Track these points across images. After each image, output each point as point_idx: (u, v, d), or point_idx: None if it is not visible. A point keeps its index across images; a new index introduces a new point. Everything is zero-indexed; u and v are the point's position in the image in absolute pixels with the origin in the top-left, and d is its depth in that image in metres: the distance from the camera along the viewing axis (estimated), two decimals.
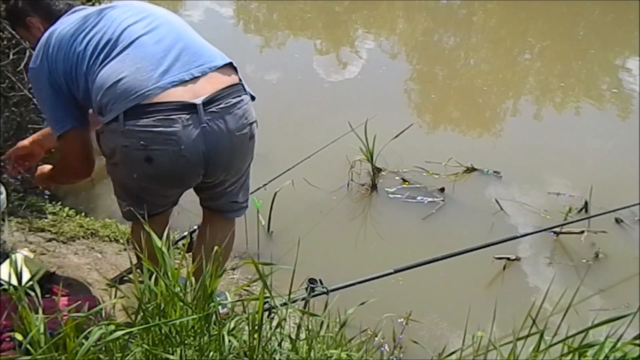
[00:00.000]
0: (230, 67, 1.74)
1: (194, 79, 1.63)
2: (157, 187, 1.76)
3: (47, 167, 2.02)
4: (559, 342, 1.27)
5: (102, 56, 1.65)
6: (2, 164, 2.42)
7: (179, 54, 1.65)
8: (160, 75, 1.60)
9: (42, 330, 1.26)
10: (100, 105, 1.64)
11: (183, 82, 1.61)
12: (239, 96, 1.70)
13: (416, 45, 6.40)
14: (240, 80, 1.75)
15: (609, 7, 7.32)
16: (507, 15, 7.23)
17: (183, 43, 1.68)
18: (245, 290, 2.45)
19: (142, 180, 1.70)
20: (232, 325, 1.36)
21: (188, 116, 1.59)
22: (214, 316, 1.34)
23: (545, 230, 2.99)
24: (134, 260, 1.71)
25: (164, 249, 1.38)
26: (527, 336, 1.28)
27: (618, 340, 1.23)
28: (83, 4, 2.09)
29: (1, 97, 2.90)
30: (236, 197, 1.95)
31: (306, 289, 1.94)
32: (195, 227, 2.44)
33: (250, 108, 1.75)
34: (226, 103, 1.65)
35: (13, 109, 2.96)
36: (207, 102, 1.61)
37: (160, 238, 1.40)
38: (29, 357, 1.23)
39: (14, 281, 1.44)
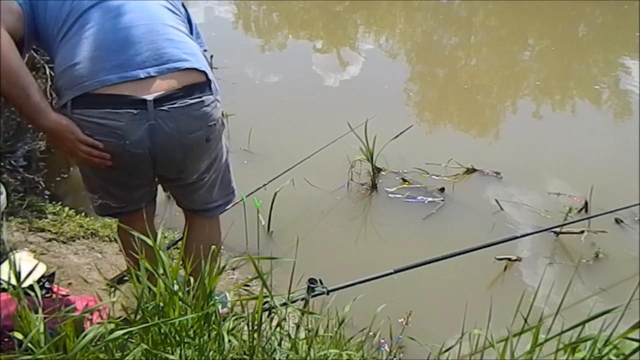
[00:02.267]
0: (195, 70, 1.63)
1: (150, 77, 1.55)
2: (109, 179, 1.72)
3: None
4: (552, 337, 1.27)
5: (64, 30, 1.59)
6: (1, 163, 2.42)
7: (141, 49, 1.56)
8: (115, 68, 1.53)
9: (42, 330, 1.26)
10: (56, 88, 1.61)
11: (138, 79, 1.54)
12: (199, 97, 1.61)
13: (416, 45, 6.40)
14: (208, 80, 1.65)
15: (609, 7, 7.32)
16: (507, 15, 7.23)
17: (151, 37, 1.59)
18: (245, 290, 2.45)
19: (93, 171, 1.68)
20: (231, 325, 1.36)
21: (136, 112, 1.53)
22: (213, 315, 1.34)
23: (545, 230, 2.99)
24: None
25: (157, 247, 1.37)
26: (521, 332, 1.28)
27: (611, 334, 1.23)
28: None
29: (1, 97, 2.90)
30: (209, 197, 1.88)
31: (306, 289, 1.94)
32: None
33: (212, 110, 1.65)
34: (181, 103, 1.57)
35: (13, 109, 2.96)
36: (159, 100, 1.54)
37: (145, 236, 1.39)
38: (29, 357, 1.23)
39: (14, 281, 1.44)
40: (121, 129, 1.54)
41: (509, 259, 2.89)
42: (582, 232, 3.05)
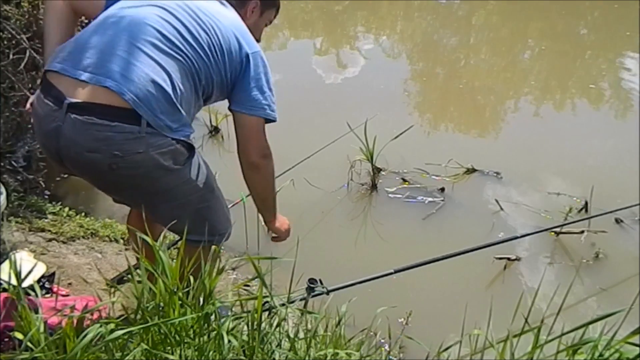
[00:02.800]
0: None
1: (84, 82, 1.53)
2: None
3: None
4: (553, 339, 1.27)
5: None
6: (1, 163, 2.42)
7: (94, 54, 1.56)
8: (66, 60, 1.58)
9: (42, 329, 1.26)
10: None
11: (75, 79, 1.54)
12: (109, 120, 1.51)
13: (416, 45, 6.40)
14: (134, 111, 1.52)
15: (609, 7, 7.32)
16: (507, 15, 7.23)
17: (110, 47, 1.57)
18: (245, 290, 2.45)
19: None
20: (231, 325, 1.36)
21: (55, 108, 1.54)
22: (213, 315, 1.34)
23: (545, 230, 2.99)
24: (133, 261, 1.71)
25: (157, 247, 1.38)
26: (521, 333, 1.28)
27: (612, 337, 1.23)
28: None
29: (1, 97, 2.90)
30: (176, 225, 1.66)
31: (306, 289, 1.94)
32: None
33: (125, 140, 1.53)
34: (87, 118, 1.51)
35: (13, 109, 2.96)
36: (74, 106, 1.52)
37: (146, 234, 1.38)
38: (28, 355, 1.23)
39: (14, 281, 1.44)
40: (38, 117, 1.60)
41: (508, 259, 2.89)
42: (582, 232, 3.05)
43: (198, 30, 1.64)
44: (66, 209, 2.83)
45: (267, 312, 1.48)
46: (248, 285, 2.46)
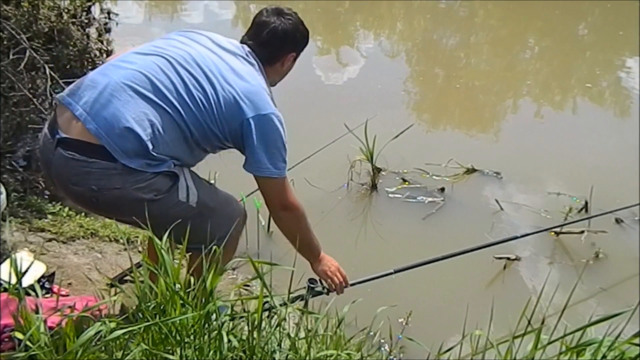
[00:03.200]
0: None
1: (77, 118, 1.62)
2: None
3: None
4: (556, 340, 1.27)
5: None
6: (1, 163, 2.42)
7: (94, 93, 1.65)
8: (72, 95, 1.67)
9: (42, 329, 1.26)
10: None
11: (73, 114, 1.64)
12: (88, 157, 1.61)
13: (416, 45, 6.40)
14: (114, 155, 1.60)
15: (609, 7, 7.32)
16: (507, 15, 7.23)
17: (107, 89, 1.65)
18: (245, 290, 2.45)
19: None
20: (231, 325, 1.36)
21: (50, 139, 1.66)
22: (214, 315, 1.34)
23: (545, 230, 2.99)
24: (135, 260, 1.71)
25: (159, 247, 1.38)
26: (524, 334, 1.28)
27: (616, 338, 1.23)
28: None
29: (1, 97, 2.90)
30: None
31: (306, 288, 1.94)
32: None
33: (99, 177, 1.61)
34: (71, 154, 1.61)
35: (13, 109, 2.96)
36: (62, 141, 1.62)
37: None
38: (25, 354, 1.23)
39: (14, 281, 1.44)
40: (40, 146, 1.75)
41: (508, 258, 2.89)
42: (582, 232, 3.05)
43: (196, 87, 1.68)
44: (66, 209, 2.83)
45: (267, 312, 1.48)
46: (248, 285, 2.46)
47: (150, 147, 1.62)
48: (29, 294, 1.47)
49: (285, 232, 1.92)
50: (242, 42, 1.87)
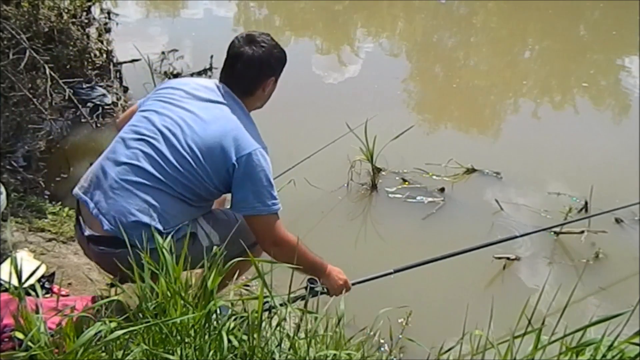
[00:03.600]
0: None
1: (94, 217, 1.75)
2: None
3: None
4: (556, 340, 1.27)
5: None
6: (1, 163, 2.42)
7: (103, 194, 1.76)
8: (87, 188, 1.81)
9: (42, 329, 1.26)
10: None
11: (86, 205, 1.78)
12: (116, 249, 1.71)
13: (416, 45, 6.40)
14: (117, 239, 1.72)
15: (609, 7, 7.32)
16: (507, 15, 7.23)
17: (111, 177, 1.76)
18: (245, 290, 2.45)
19: None
20: (231, 325, 1.36)
21: (80, 234, 1.84)
22: (214, 315, 1.34)
23: (545, 230, 2.99)
24: None
25: (160, 247, 1.38)
26: (524, 334, 1.28)
27: (615, 338, 1.23)
28: None
29: (1, 97, 2.90)
30: None
31: (306, 288, 1.94)
32: None
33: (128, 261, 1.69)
34: (101, 249, 1.77)
35: (13, 109, 2.96)
36: (90, 238, 1.78)
37: None
38: (26, 354, 1.23)
39: (15, 281, 1.44)
40: (77, 235, 1.94)
41: (508, 258, 2.89)
42: (582, 232, 3.05)
43: (176, 158, 1.76)
44: (66, 209, 2.83)
45: (267, 312, 1.48)
46: (248, 285, 2.46)
47: (161, 227, 1.71)
48: (29, 294, 1.47)
49: (281, 261, 1.89)
50: (220, 80, 1.91)
